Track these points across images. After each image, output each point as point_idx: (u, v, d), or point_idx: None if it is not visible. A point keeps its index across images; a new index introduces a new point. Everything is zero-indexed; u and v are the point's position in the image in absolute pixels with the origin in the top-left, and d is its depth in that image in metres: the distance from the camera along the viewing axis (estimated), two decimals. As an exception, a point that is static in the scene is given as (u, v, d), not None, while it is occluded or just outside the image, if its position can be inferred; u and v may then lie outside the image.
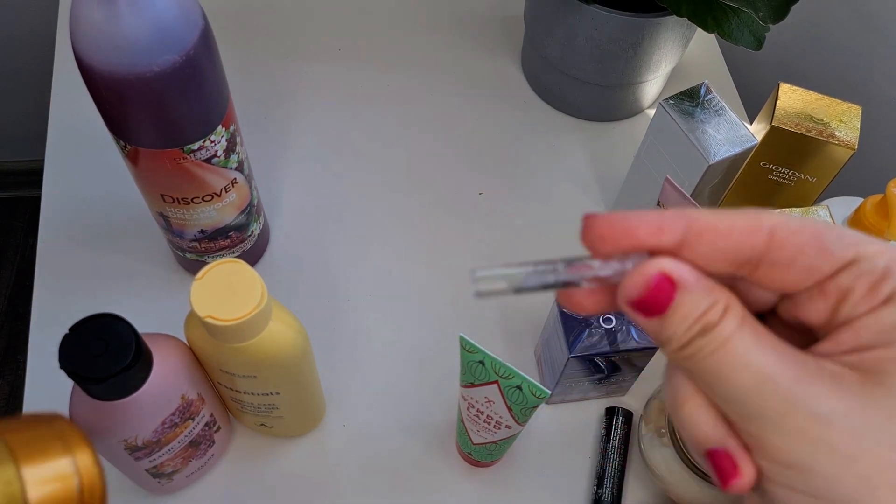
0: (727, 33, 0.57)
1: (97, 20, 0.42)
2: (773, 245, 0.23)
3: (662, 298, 0.23)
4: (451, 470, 0.58)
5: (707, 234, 0.23)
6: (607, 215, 0.24)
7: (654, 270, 0.23)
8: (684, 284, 0.23)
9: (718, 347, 0.23)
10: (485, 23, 0.82)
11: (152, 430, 0.46)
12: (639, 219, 0.24)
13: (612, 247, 0.24)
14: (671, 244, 0.24)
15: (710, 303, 0.23)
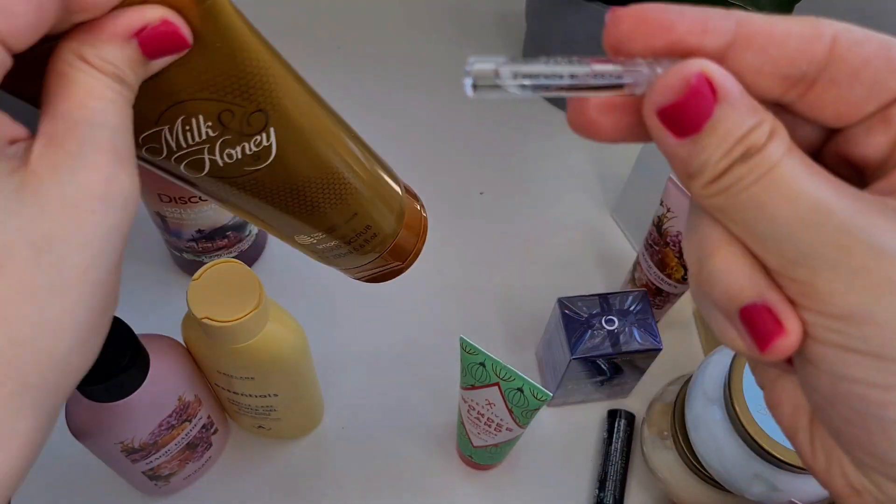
0: (730, 31, 0.57)
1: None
2: (833, 57, 0.20)
3: (700, 109, 0.19)
4: (451, 473, 0.58)
5: (759, 39, 0.20)
6: (640, 7, 0.20)
7: (695, 70, 0.19)
8: (728, 94, 0.19)
9: (764, 174, 0.19)
10: (486, 20, 0.82)
11: (149, 433, 0.46)
12: (679, 13, 0.20)
13: (642, 46, 0.20)
14: (716, 48, 0.20)
15: (755, 121, 0.19)
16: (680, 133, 0.19)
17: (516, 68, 0.20)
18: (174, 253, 0.61)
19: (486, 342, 0.50)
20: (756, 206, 0.19)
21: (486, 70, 0.20)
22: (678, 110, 0.19)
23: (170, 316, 0.51)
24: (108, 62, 0.21)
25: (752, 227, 0.19)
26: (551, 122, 0.76)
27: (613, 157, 0.73)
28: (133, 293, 0.63)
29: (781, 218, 0.19)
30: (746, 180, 0.19)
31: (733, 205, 0.19)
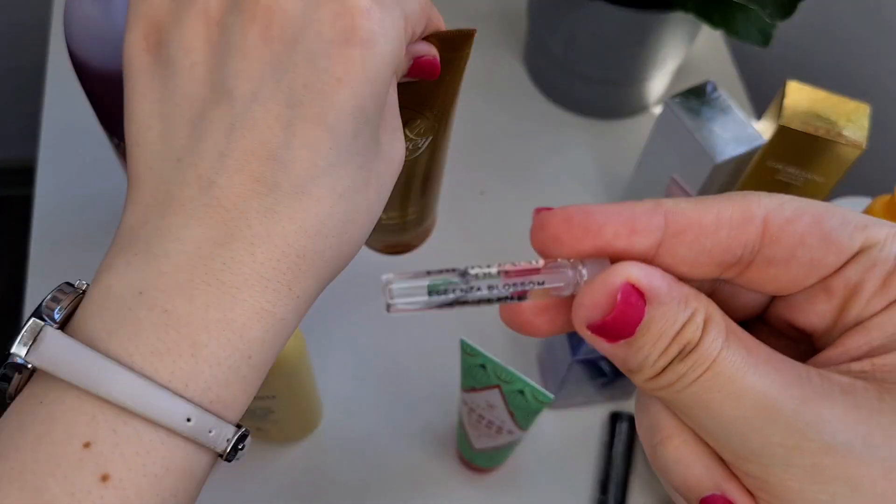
0: (734, 30, 0.56)
1: (91, 15, 0.41)
2: (767, 238, 0.19)
3: (630, 317, 0.19)
4: (451, 476, 0.58)
5: (690, 232, 0.19)
6: (565, 209, 0.20)
7: (619, 281, 0.19)
8: (656, 295, 0.19)
9: (703, 372, 0.18)
10: (487, 18, 0.81)
11: (145, 435, 0.45)
12: (605, 214, 0.19)
13: (569, 250, 0.19)
14: (646, 247, 0.19)
15: (687, 315, 0.19)
16: (613, 339, 0.19)
17: (438, 299, 0.20)
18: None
19: (487, 344, 0.49)
20: (700, 403, 0.19)
21: (409, 302, 0.20)
22: (608, 324, 0.19)
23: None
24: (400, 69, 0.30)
25: (700, 422, 0.19)
26: (554, 120, 0.75)
27: (616, 157, 0.73)
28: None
29: (726, 416, 0.18)
30: (686, 378, 0.19)
31: (678, 400, 0.19)
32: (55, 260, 0.64)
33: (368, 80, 0.26)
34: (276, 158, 0.26)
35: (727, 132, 0.56)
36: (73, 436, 0.23)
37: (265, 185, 0.25)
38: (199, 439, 0.24)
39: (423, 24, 0.33)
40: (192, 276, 0.25)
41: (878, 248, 0.19)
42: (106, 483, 0.23)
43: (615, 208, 0.19)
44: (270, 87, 0.26)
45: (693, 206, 0.19)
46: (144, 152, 0.27)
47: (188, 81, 0.27)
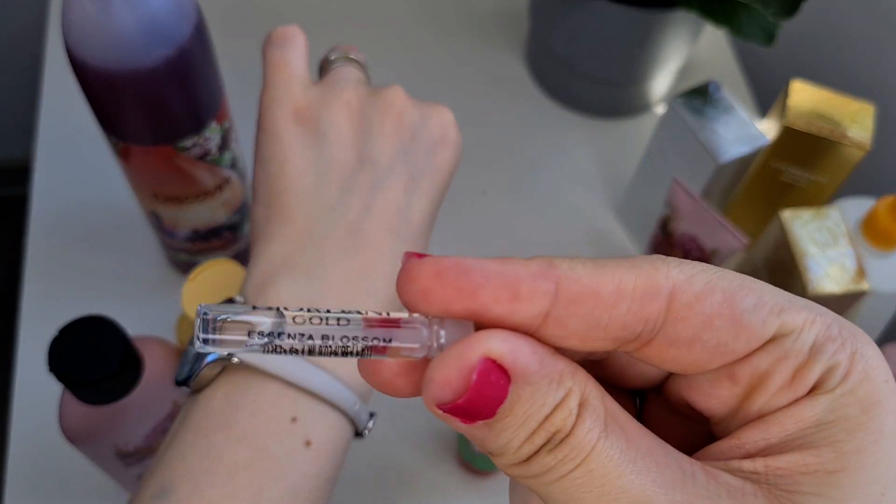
0: (737, 29, 0.56)
1: (89, 14, 0.41)
2: (671, 315, 0.17)
3: (488, 397, 0.16)
4: (450, 478, 0.57)
5: (585, 304, 0.17)
6: (438, 261, 0.17)
7: (476, 355, 0.16)
8: (522, 373, 0.16)
9: (575, 468, 0.16)
10: (488, 17, 0.81)
11: (143, 436, 0.45)
12: (484, 274, 0.16)
13: (439, 310, 0.17)
14: (529, 317, 0.17)
15: (559, 397, 0.16)
16: (468, 421, 0.16)
17: (265, 341, 0.17)
18: (169, 253, 0.60)
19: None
20: (569, 501, 0.16)
21: (230, 339, 0.17)
22: (460, 407, 0.16)
23: (164, 317, 0.50)
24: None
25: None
26: (556, 120, 0.75)
27: (618, 158, 0.73)
28: (126, 294, 0.62)
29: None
30: (555, 472, 0.16)
31: (544, 494, 0.17)
32: (52, 260, 0.64)
33: (451, 170, 0.40)
34: (401, 215, 0.37)
35: (730, 132, 0.55)
36: (283, 413, 0.33)
37: (394, 234, 0.36)
38: (357, 420, 0.36)
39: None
40: (345, 297, 0.34)
41: (793, 336, 0.17)
42: (309, 447, 0.33)
43: (497, 267, 0.17)
44: (401, 164, 0.37)
45: (591, 271, 0.17)
46: (299, 198, 0.36)
47: (339, 149, 0.37)
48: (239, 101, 0.71)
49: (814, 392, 0.17)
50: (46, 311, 0.61)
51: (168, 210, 0.53)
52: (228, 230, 0.58)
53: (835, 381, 0.17)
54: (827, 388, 0.17)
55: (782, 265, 0.53)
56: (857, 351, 0.17)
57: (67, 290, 0.63)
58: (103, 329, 0.41)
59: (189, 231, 0.56)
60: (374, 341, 0.17)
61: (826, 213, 0.54)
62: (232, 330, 0.16)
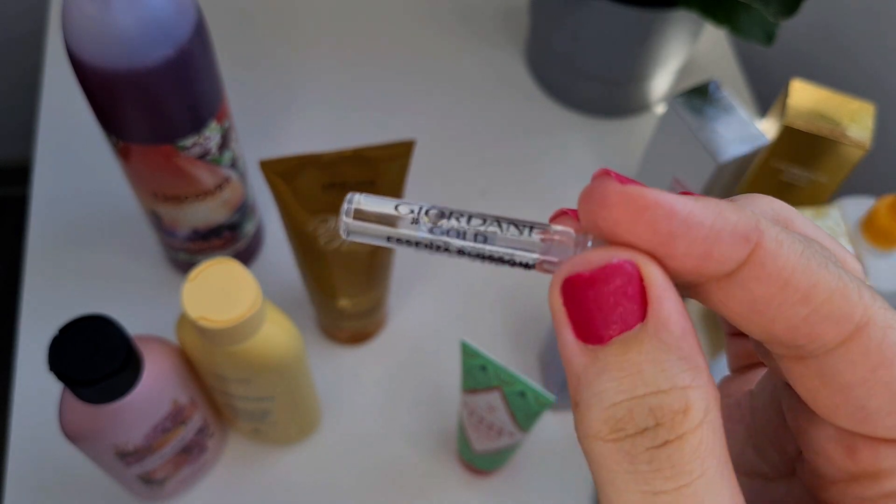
0: (737, 29, 0.56)
1: (89, 13, 0.41)
2: (847, 350, 0.15)
3: (613, 302, 0.15)
4: (451, 479, 0.57)
5: (767, 286, 0.15)
6: (642, 193, 0.15)
7: (625, 257, 0.15)
8: (661, 318, 0.14)
9: (673, 488, 0.14)
10: (488, 16, 0.81)
11: (143, 436, 0.45)
12: (688, 224, 0.14)
13: (620, 241, 0.15)
14: (704, 275, 0.15)
15: (683, 381, 0.14)
16: (581, 329, 0.15)
17: (407, 234, 0.16)
18: (169, 252, 0.60)
19: (488, 345, 0.49)
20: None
21: (368, 231, 0.17)
22: (587, 290, 0.15)
23: (164, 317, 0.50)
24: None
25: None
26: (556, 119, 0.75)
27: (618, 157, 0.73)
28: (127, 294, 0.62)
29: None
30: (641, 476, 0.14)
31: (602, 481, 0.15)
32: (52, 260, 0.64)
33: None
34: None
35: (730, 131, 0.55)
36: None
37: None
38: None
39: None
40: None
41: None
42: None
43: (701, 215, 0.14)
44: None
45: (795, 258, 0.15)
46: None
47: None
48: (239, 101, 0.71)
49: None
50: (47, 311, 0.61)
51: (168, 209, 0.53)
52: (228, 229, 0.58)
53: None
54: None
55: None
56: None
57: (67, 289, 0.63)
58: (103, 328, 0.41)
59: (189, 230, 0.56)
60: (527, 250, 0.16)
61: (826, 212, 0.54)
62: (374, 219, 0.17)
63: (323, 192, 0.48)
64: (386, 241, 0.17)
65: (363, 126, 0.73)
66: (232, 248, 0.60)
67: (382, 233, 0.17)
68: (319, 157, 0.47)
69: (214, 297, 0.42)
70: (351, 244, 0.50)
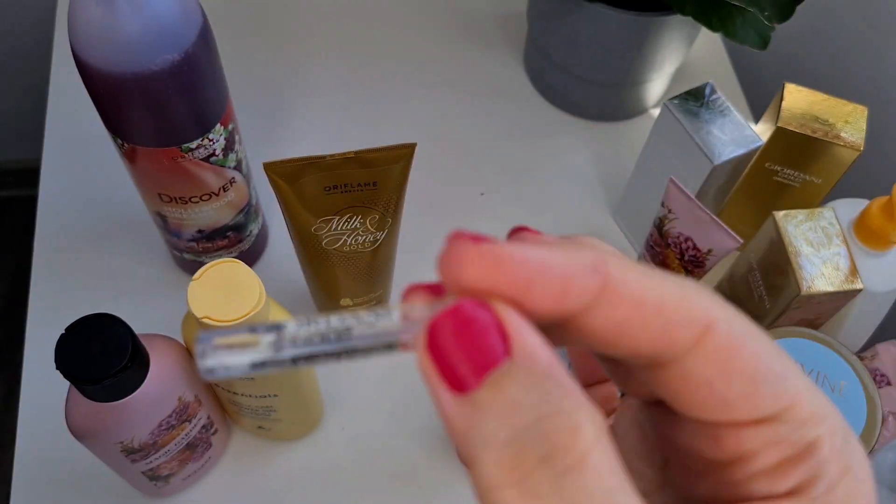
0: (732, 33, 0.57)
1: (95, 18, 0.41)
2: (701, 349, 0.16)
3: (481, 350, 0.15)
4: (452, 476, 0.58)
5: (623, 309, 0.16)
6: (495, 249, 0.16)
7: (476, 301, 0.15)
8: (526, 345, 0.15)
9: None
10: (486, 20, 0.81)
11: (149, 433, 0.46)
12: (540, 269, 0.15)
13: (479, 294, 0.16)
14: (565, 311, 0.16)
15: (561, 404, 0.14)
16: (453, 380, 0.15)
17: (267, 357, 0.16)
18: (175, 253, 0.61)
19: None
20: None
21: (231, 364, 0.16)
22: (450, 337, 0.15)
23: (170, 316, 0.51)
24: None
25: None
26: (553, 123, 0.75)
27: (614, 159, 0.73)
28: (133, 293, 0.63)
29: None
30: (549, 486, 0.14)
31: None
32: (59, 261, 0.64)
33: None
34: None
35: (725, 134, 0.56)
36: None
37: None
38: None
39: None
40: None
41: (795, 425, 0.16)
42: None
43: (551, 257, 0.16)
44: None
45: (639, 279, 0.16)
46: None
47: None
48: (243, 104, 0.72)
49: (792, 494, 0.16)
50: (54, 310, 0.62)
51: (173, 211, 0.54)
52: (233, 230, 0.58)
53: (818, 490, 0.16)
54: (807, 495, 0.16)
55: (776, 265, 0.54)
56: (850, 468, 0.16)
57: (74, 288, 0.63)
58: (110, 327, 0.41)
59: (194, 231, 0.56)
60: (382, 338, 0.17)
61: (820, 213, 0.54)
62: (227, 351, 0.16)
63: (326, 194, 0.48)
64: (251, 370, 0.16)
65: (365, 129, 0.74)
66: (236, 248, 0.60)
67: (244, 363, 0.16)
68: (322, 160, 0.47)
69: (219, 296, 0.42)
70: (352, 245, 0.51)
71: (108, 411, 0.43)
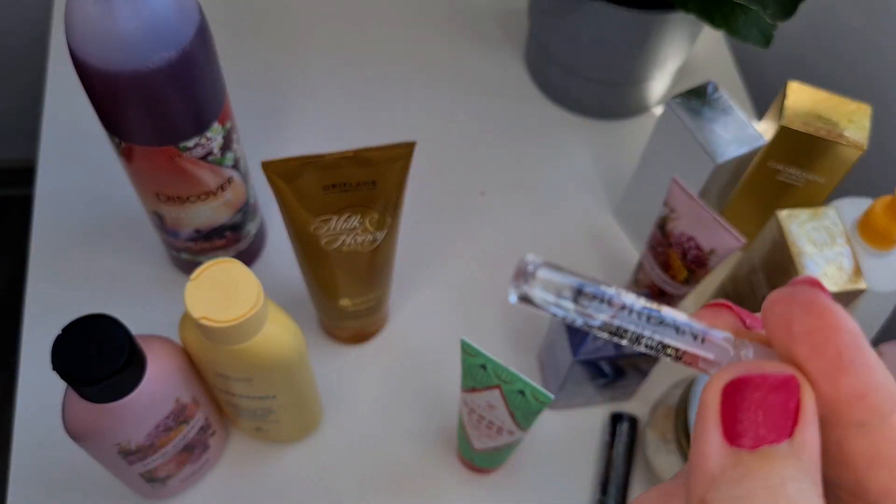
0: (735, 30, 0.56)
1: (93, 15, 0.41)
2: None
3: (772, 419, 0.15)
4: (451, 477, 0.58)
5: (889, 446, 0.16)
6: (843, 312, 0.16)
7: (795, 374, 0.16)
8: (807, 437, 0.15)
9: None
10: (488, 18, 0.81)
11: (146, 434, 0.45)
12: (866, 356, 0.16)
13: (807, 349, 0.16)
14: (856, 419, 0.16)
15: (814, 501, 0.15)
16: (731, 431, 0.15)
17: (578, 317, 0.17)
18: (172, 253, 0.61)
19: (487, 344, 0.49)
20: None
21: (542, 301, 0.16)
22: (753, 393, 0.15)
23: (167, 316, 0.50)
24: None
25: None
26: (555, 121, 0.75)
27: (616, 158, 0.73)
28: (130, 293, 0.63)
29: None
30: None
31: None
32: (56, 260, 0.64)
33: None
34: None
35: (728, 133, 0.55)
36: None
37: None
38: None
39: None
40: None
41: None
42: None
43: (874, 360, 0.16)
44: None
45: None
46: None
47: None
48: (241, 102, 0.71)
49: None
50: (50, 310, 0.61)
51: (171, 210, 0.53)
52: (231, 230, 0.58)
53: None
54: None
55: (779, 265, 0.53)
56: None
57: (70, 289, 0.63)
58: (107, 327, 0.41)
59: (191, 231, 0.56)
60: (687, 343, 0.17)
61: (823, 212, 0.54)
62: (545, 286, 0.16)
63: (324, 193, 0.48)
64: (555, 316, 0.17)
65: (364, 127, 0.74)
66: (234, 248, 0.60)
67: (555, 310, 0.17)
68: (321, 158, 0.47)
69: (217, 296, 0.42)
70: (352, 245, 0.51)
71: (104, 412, 0.43)
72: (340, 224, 0.49)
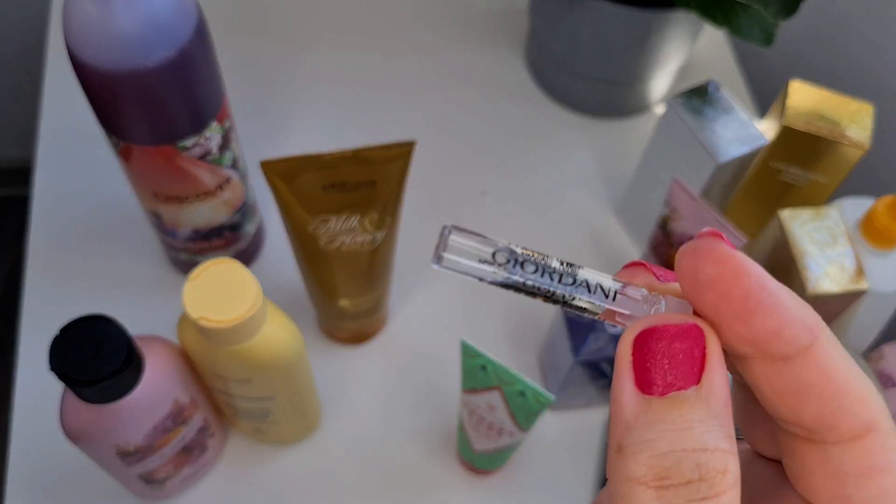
0: (736, 29, 0.56)
1: (91, 14, 0.41)
2: (854, 447, 0.17)
3: (679, 367, 0.16)
4: (451, 478, 0.57)
5: (815, 383, 0.16)
6: (744, 257, 0.16)
7: (698, 323, 0.17)
8: (714, 381, 0.16)
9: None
10: (488, 17, 0.81)
11: (144, 435, 0.45)
12: (775, 294, 0.16)
13: (715, 296, 0.16)
14: (772, 353, 0.16)
15: (721, 444, 0.16)
16: (642, 380, 0.16)
17: (496, 276, 0.18)
18: (170, 253, 0.60)
19: (488, 345, 0.49)
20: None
21: (458, 266, 0.18)
22: (660, 343, 0.16)
23: (166, 317, 0.50)
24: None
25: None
26: (555, 120, 0.75)
27: (617, 158, 0.73)
28: (128, 293, 0.62)
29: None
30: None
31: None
32: (53, 260, 0.64)
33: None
34: None
35: (730, 132, 0.55)
36: None
37: None
38: None
39: None
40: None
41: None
42: None
43: (785, 296, 0.16)
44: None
45: (841, 363, 0.16)
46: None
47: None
48: (239, 101, 0.71)
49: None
50: (48, 311, 0.61)
51: (169, 210, 0.53)
52: (229, 230, 0.58)
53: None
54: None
55: (781, 265, 0.53)
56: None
57: (68, 289, 0.63)
58: (104, 328, 0.41)
59: (190, 231, 0.56)
60: (599, 299, 0.18)
61: (825, 212, 0.54)
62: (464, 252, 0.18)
63: (323, 193, 0.48)
64: (476, 275, 0.18)
65: (363, 126, 0.74)
66: (233, 248, 0.60)
67: (473, 272, 0.18)
68: (320, 158, 0.47)
69: (215, 297, 0.42)
70: (351, 245, 0.50)
71: (102, 413, 0.43)
72: (339, 224, 0.49)
